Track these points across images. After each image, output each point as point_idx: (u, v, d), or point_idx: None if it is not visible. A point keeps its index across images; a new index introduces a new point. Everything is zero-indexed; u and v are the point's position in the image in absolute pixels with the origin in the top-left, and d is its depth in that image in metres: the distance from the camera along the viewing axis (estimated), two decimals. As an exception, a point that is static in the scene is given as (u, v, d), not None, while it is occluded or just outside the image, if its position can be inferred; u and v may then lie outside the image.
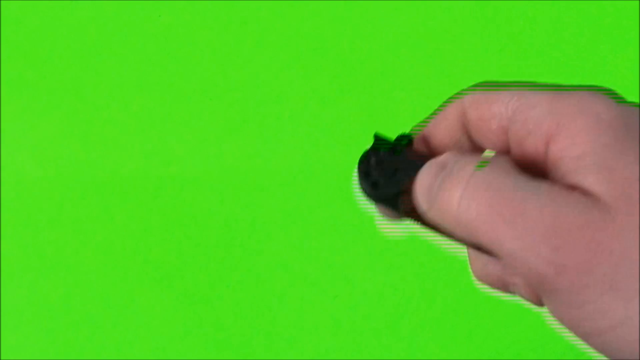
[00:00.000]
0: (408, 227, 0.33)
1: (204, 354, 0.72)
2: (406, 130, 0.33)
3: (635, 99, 0.80)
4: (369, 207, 0.33)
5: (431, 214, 0.30)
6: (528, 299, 0.32)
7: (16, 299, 0.72)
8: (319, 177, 0.73)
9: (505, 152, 0.31)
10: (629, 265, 0.25)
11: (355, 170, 0.33)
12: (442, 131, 0.33)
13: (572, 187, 0.27)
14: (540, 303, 0.31)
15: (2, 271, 0.72)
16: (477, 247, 0.29)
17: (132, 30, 0.75)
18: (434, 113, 0.33)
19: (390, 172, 0.32)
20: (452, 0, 0.75)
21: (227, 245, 0.73)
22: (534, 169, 0.29)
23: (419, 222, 0.31)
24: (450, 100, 0.33)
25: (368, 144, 0.33)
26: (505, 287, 0.33)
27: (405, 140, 0.32)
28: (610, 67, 0.75)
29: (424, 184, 0.30)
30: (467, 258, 0.34)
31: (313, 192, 0.73)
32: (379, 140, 0.33)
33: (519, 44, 0.75)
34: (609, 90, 0.29)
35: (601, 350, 0.27)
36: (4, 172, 0.73)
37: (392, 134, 0.33)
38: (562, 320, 0.27)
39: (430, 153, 0.32)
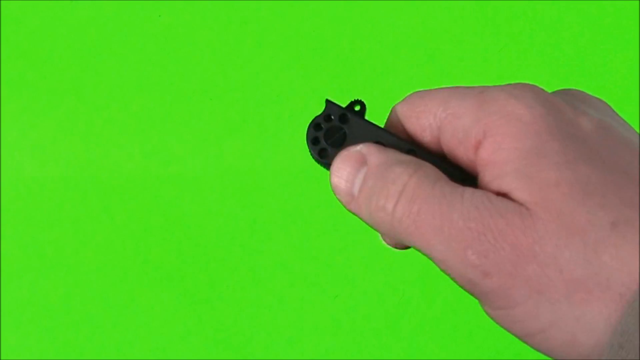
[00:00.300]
0: None
1: (204, 354, 0.72)
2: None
3: (636, 99, 0.79)
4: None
5: (353, 206, 0.30)
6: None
7: (16, 299, 0.72)
8: (319, 177, 0.73)
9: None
10: (553, 269, 0.26)
11: (306, 134, 0.32)
12: (391, 129, 0.33)
13: (499, 193, 0.27)
14: None
15: (2, 271, 0.72)
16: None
17: (132, 30, 0.75)
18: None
19: (339, 140, 0.31)
20: (452, 0, 0.75)
21: (227, 245, 0.73)
22: (468, 174, 0.30)
23: None
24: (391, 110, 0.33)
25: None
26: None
27: (357, 106, 0.32)
28: (610, 67, 0.75)
29: (342, 173, 0.31)
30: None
31: (313, 192, 0.73)
32: (330, 105, 0.32)
33: (519, 44, 0.75)
34: (532, 86, 0.29)
35: (538, 350, 0.27)
36: (4, 172, 0.73)
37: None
38: (498, 322, 0.28)
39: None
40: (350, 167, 0.31)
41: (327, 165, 0.32)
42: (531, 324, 0.26)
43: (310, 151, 0.32)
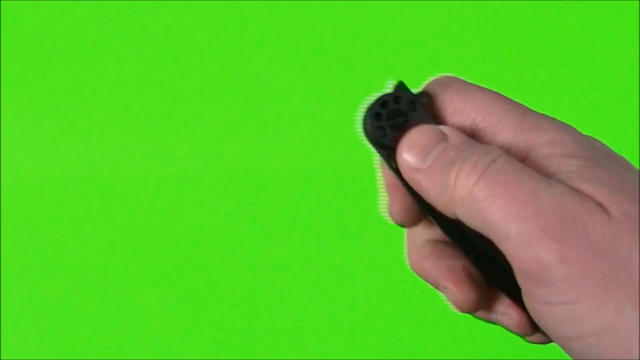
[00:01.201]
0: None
1: (204, 354, 0.72)
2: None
3: (636, 99, 0.79)
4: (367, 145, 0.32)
5: (419, 176, 0.30)
6: (453, 303, 0.32)
7: (16, 299, 0.72)
8: (319, 177, 0.73)
9: None
10: (623, 271, 0.26)
11: (367, 105, 0.32)
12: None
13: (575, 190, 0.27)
14: (467, 304, 0.32)
15: (2, 271, 0.72)
16: (442, 224, 0.30)
17: (132, 30, 0.75)
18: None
19: (400, 125, 0.31)
20: (452, 0, 0.75)
21: (227, 245, 0.73)
22: None
23: (402, 181, 0.31)
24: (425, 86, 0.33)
25: (367, 143, 0.32)
26: (437, 287, 0.33)
27: (425, 98, 0.32)
28: (610, 67, 0.75)
29: (418, 142, 0.30)
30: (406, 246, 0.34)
31: (313, 192, 0.73)
32: (403, 88, 0.32)
33: (519, 44, 0.75)
34: (567, 124, 0.30)
35: (578, 355, 0.27)
36: (4, 172, 0.73)
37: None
38: (546, 320, 0.27)
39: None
40: (429, 138, 0.30)
41: (378, 145, 0.31)
42: (588, 324, 0.26)
43: (365, 125, 0.31)
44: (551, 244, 0.26)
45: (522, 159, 0.29)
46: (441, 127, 0.30)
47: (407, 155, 0.30)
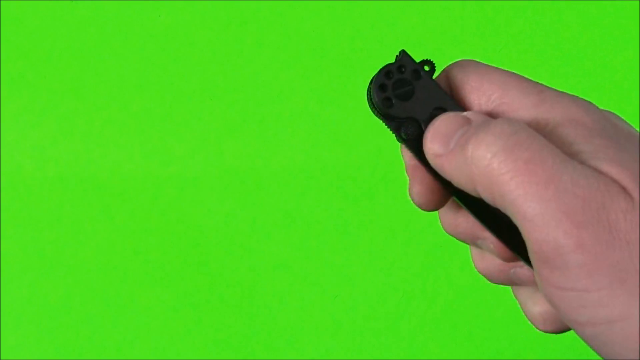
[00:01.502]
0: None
1: (204, 354, 0.72)
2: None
3: (636, 99, 0.79)
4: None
5: (442, 160, 0.29)
6: (494, 253, 0.32)
7: (16, 299, 0.72)
8: (319, 177, 0.73)
9: None
10: None
11: (373, 79, 0.31)
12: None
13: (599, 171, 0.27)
14: (502, 266, 0.31)
15: (2, 271, 0.72)
16: (471, 205, 0.29)
17: (132, 30, 0.75)
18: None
19: (407, 94, 0.31)
20: (452, 0, 0.75)
21: (227, 245, 0.73)
22: None
23: (413, 152, 0.31)
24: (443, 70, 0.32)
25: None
26: (473, 240, 0.33)
27: (428, 66, 0.32)
28: (610, 67, 0.75)
29: (442, 130, 0.29)
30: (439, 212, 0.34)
31: (313, 192, 0.73)
32: (405, 57, 0.32)
33: (519, 44, 0.75)
34: (587, 100, 0.30)
35: (590, 341, 0.27)
36: (4, 172, 0.73)
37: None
38: (558, 304, 0.27)
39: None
40: (453, 124, 0.29)
41: (386, 116, 0.31)
42: (601, 312, 0.26)
43: (372, 96, 0.31)
44: (570, 229, 0.25)
45: (543, 136, 0.28)
46: (465, 112, 0.30)
47: (431, 144, 0.30)
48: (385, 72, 0.31)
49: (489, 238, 0.32)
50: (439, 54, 0.75)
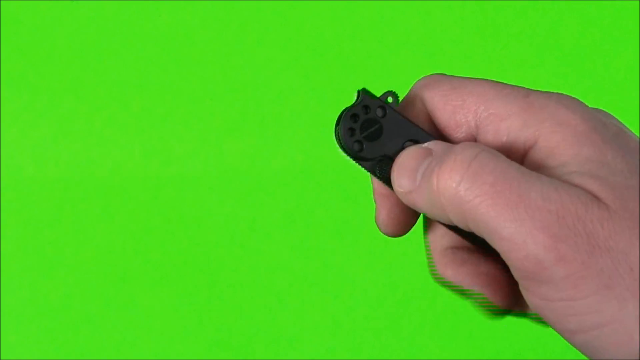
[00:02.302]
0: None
1: (204, 354, 0.72)
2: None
3: (636, 99, 0.79)
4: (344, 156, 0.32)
5: (413, 196, 0.29)
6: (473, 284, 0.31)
7: (16, 299, 0.72)
8: (319, 177, 0.73)
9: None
10: (624, 266, 0.25)
11: (339, 123, 0.31)
12: (414, 115, 0.32)
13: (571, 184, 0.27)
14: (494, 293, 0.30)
15: (2, 271, 0.72)
16: (455, 228, 0.29)
17: (132, 30, 0.75)
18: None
19: (376, 133, 0.31)
20: (452, 0, 0.75)
21: (227, 245, 0.73)
22: None
23: (391, 188, 0.31)
24: (411, 91, 0.32)
25: (348, 158, 0.32)
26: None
27: (391, 98, 0.31)
28: (610, 67, 0.75)
29: (407, 166, 0.29)
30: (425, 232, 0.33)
31: (313, 192, 0.73)
32: (366, 95, 0.31)
33: (519, 44, 0.75)
34: (575, 98, 0.30)
35: (583, 348, 0.27)
36: (4, 172, 0.73)
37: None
38: (546, 314, 0.27)
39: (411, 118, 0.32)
40: (415, 158, 0.29)
41: (359, 159, 0.31)
42: (591, 319, 0.26)
43: (342, 142, 0.31)
44: (549, 243, 0.25)
45: (531, 144, 0.28)
46: (425, 144, 0.30)
47: (398, 181, 0.30)
48: (351, 115, 0.31)
49: (478, 291, 0.31)
50: (439, 54, 0.75)
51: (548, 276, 0.26)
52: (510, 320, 0.73)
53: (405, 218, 0.32)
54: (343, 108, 0.32)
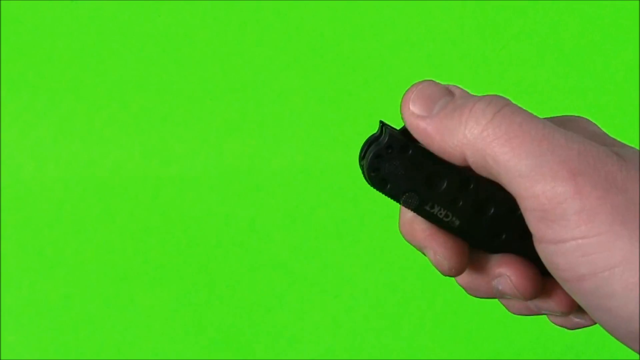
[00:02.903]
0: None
1: (204, 354, 0.72)
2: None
3: (636, 98, 0.79)
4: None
5: (426, 122, 0.30)
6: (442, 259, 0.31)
7: (16, 299, 0.72)
8: (319, 177, 0.73)
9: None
10: (639, 207, 0.26)
11: (366, 156, 0.32)
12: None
13: None
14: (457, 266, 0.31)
15: (2, 271, 0.72)
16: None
17: (132, 31, 0.75)
18: None
19: (400, 169, 0.31)
20: (452, 0, 0.75)
21: (227, 245, 0.73)
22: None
23: (424, 217, 0.31)
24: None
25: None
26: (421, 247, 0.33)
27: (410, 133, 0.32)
28: (610, 67, 0.75)
29: (426, 94, 0.30)
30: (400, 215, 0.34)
31: (313, 192, 0.73)
32: (387, 134, 0.31)
33: (519, 44, 0.75)
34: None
35: (590, 297, 0.27)
36: (4, 172, 0.73)
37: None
38: (557, 261, 0.27)
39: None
40: (435, 91, 0.30)
41: (384, 194, 0.32)
42: (602, 258, 0.26)
43: (368, 178, 0.32)
44: (568, 176, 0.26)
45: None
46: (447, 85, 0.31)
47: (412, 106, 0.30)
48: (376, 155, 0.31)
49: (433, 248, 0.32)
50: (439, 54, 0.75)
51: (563, 211, 0.26)
52: (510, 320, 0.73)
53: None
54: (365, 139, 0.32)
